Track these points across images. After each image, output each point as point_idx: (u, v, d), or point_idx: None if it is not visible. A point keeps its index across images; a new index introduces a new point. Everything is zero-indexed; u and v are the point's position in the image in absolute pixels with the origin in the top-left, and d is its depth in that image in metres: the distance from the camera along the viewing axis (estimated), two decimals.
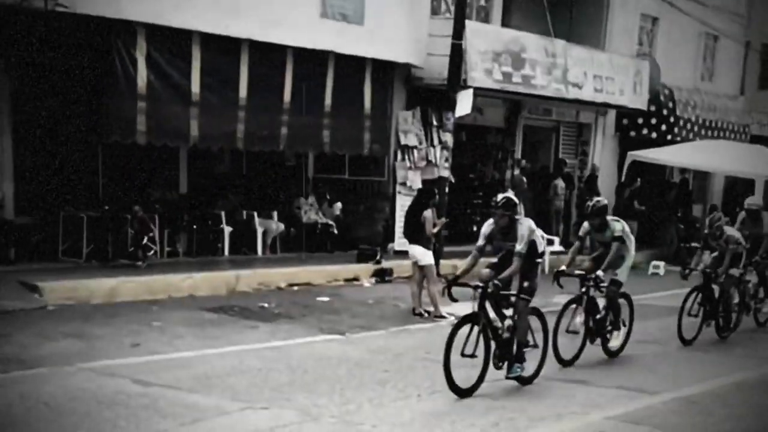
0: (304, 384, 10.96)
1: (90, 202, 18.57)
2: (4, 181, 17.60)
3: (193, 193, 20.90)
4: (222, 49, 18.15)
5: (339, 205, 22.09)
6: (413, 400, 10.66)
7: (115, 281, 16.27)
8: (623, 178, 28.05)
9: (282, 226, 21.18)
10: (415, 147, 22.46)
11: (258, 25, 18.25)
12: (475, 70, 22.06)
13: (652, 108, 29.06)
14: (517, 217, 11.49)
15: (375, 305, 17.32)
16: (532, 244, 11.40)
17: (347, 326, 14.90)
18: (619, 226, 13.54)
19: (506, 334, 11.48)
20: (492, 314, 11.47)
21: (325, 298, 17.34)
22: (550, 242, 23.75)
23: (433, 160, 22.56)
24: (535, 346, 11.98)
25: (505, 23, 25.82)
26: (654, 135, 29.62)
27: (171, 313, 15.13)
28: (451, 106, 21.53)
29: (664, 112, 29.48)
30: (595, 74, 26.10)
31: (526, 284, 11.48)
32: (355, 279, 19.78)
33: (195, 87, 17.81)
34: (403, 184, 22.26)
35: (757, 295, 17.28)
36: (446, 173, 22.10)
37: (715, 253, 15.88)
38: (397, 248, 21.53)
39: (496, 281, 11.04)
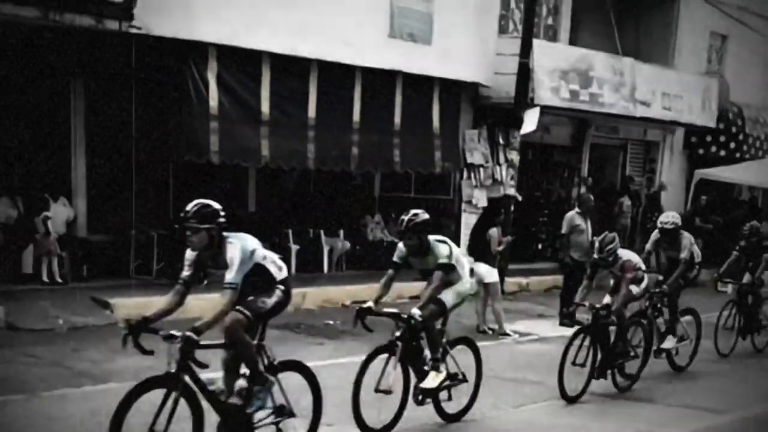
0: (368, 401, 11.08)
1: (161, 220, 18.88)
2: (78, 199, 18.06)
3: (261, 211, 21.14)
4: (291, 69, 18.28)
5: None
6: (476, 417, 10.75)
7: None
8: (690, 197, 27.92)
9: (348, 244, 21.33)
10: (482, 165, 22.48)
11: (327, 45, 18.38)
12: (542, 88, 22.09)
13: (721, 126, 28.86)
14: (226, 234, 8.33)
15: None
16: (257, 270, 8.48)
17: None
18: (445, 249, 10.16)
19: (234, 400, 8.58)
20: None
21: None
22: None
23: (499, 179, 22.62)
24: (291, 415, 8.98)
25: (573, 41, 25.82)
26: (723, 153, 29.41)
27: None
28: (518, 124, 21.67)
29: (733, 129, 29.26)
30: (663, 92, 25.98)
31: (250, 298, 8.49)
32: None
33: (264, 107, 17.91)
34: (469, 202, 22.31)
35: (668, 333, 14.11)
36: (512, 191, 22.21)
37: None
38: None
39: (187, 332, 7.83)
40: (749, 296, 16.21)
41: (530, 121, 21.85)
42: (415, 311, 9.84)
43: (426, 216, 10.05)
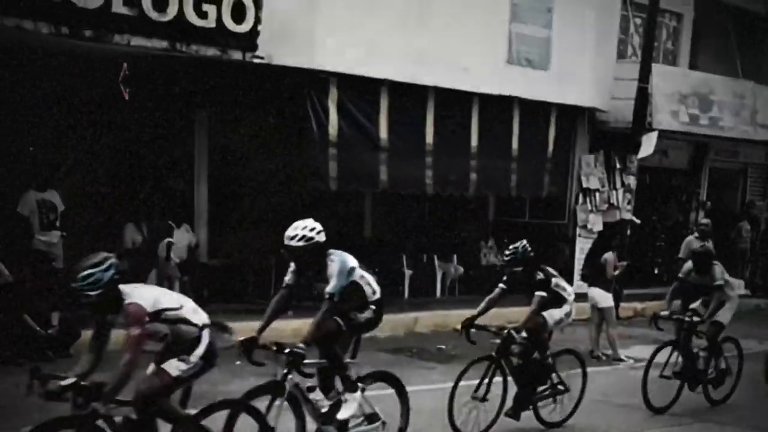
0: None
1: (279, 245, 19.07)
2: (200, 227, 18.55)
3: (377, 236, 21.47)
4: (408, 96, 18.50)
5: None
6: None
7: (299, 322, 16.80)
8: None
9: (461, 269, 21.43)
10: (597, 190, 22.46)
11: (445, 73, 18.57)
12: (660, 112, 22.10)
13: None
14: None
15: (551, 346, 17.43)
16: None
17: None
18: None
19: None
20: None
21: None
22: None
23: (615, 203, 22.57)
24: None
25: (693, 65, 25.69)
26: None
27: (349, 353, 15.55)
28: (635, 148, 21.60)
29: None
30: None
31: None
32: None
33: (383, 133, 18.17)
34: (584, 227, 22.30)
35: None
36: (628, 216, 22.14)
37: None
38: (575, 290, 21.52)
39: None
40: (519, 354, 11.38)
41: (648, 145, 21.79)
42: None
43: None
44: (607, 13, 22.03)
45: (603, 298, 16.54)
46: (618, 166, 22.65)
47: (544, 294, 11.09)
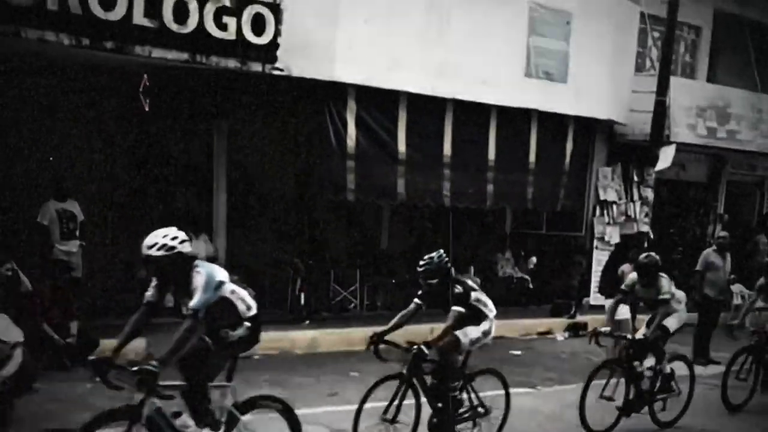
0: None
1: (299, 256, 19.13)
2: (218, 238, 18.42)
3: (394, 248, 21.47)
4: (427, 108, 18.47)
5: (533, 259, 22.23)
6: None
7: (316, 332, 16.93)
8: None
9: (478, 281, 21.37)
10: (615, 202, 22.44)
11: (463, 85, 18.54)
12: (678, 125, 22.06)
13: None
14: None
15: (568, 359, 17.43)
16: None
17: (539, 379, 15.00)
18: None
19: None
20: None
21: (518, 352, 17.51)
22: None
23: (633, 216, 22.60)
24: None
25: (711, 78, 25.68)
26: None
27: (367, 364, 15.47)
28: (653, 161, 21.61)
29: None
30: None
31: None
32: (549, 333, 19.90)
33: (401, 146, 18.18)
34: (601, 239, 22.29)
35: None
36: (645, 228, 22.14)
37: None
38: (592, 302, 21.62)
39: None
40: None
41: (665, 158, 21.80)
42: None
43: None
44: (626, 26, 21.93)
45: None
46: (635, 178, 22.67)
47: (461, 309, 10.19)
